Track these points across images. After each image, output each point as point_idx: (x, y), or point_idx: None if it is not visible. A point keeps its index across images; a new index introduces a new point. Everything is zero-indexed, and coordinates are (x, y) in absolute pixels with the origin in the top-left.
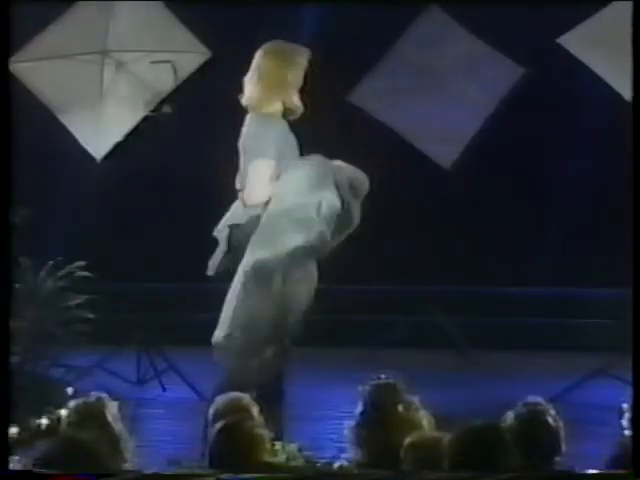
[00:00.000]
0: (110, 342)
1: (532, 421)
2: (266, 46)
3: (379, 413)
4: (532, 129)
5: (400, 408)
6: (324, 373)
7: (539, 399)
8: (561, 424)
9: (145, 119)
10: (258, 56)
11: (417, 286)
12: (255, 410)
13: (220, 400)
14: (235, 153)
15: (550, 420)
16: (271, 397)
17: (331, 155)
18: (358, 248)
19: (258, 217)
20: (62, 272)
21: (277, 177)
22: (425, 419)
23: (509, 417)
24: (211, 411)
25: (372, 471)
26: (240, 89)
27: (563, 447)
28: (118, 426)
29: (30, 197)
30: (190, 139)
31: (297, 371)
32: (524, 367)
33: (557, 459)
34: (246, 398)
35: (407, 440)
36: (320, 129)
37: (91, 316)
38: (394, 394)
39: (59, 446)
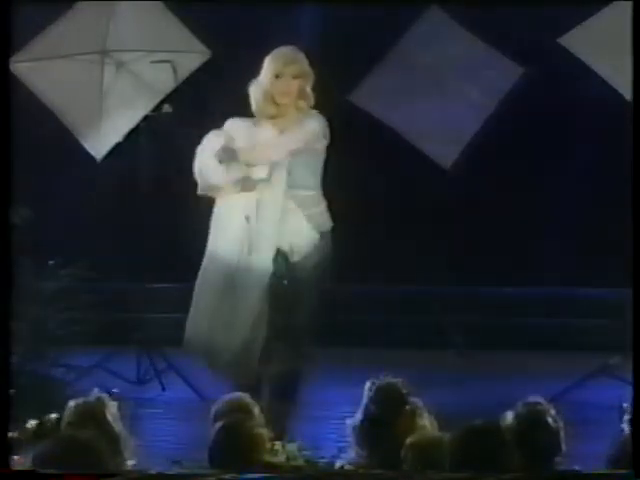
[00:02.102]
0: (110, 342)
1: (532, 421)
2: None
3: (380, 414)
4: (532, 129)
5: (401, 409)
6: (324, 373)
7: (539, 399)
8: (561, 424)
9: (145, 119)
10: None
11: (417, 286)
12: (256, 410)
13: (221, 400)
14: None
15: (550, 420)
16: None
17: (330, 154)
18: (358, 248)
19: None
20: (62, 272)
21: None
22: (427, 419)
23: (508, 417)
24: (212, 411)
25: (373, 471)
26: (240, 89)
27: (563, 447)
28: (118, 426)
29: (30, 197)
30: (190, 139)
31: None
32: (524, 367)
33: (557, 459)
34: (247, 398)
35: (408, 440)
36: None
37: (91, 316)
38: (395, 395)
39: (59, 446)
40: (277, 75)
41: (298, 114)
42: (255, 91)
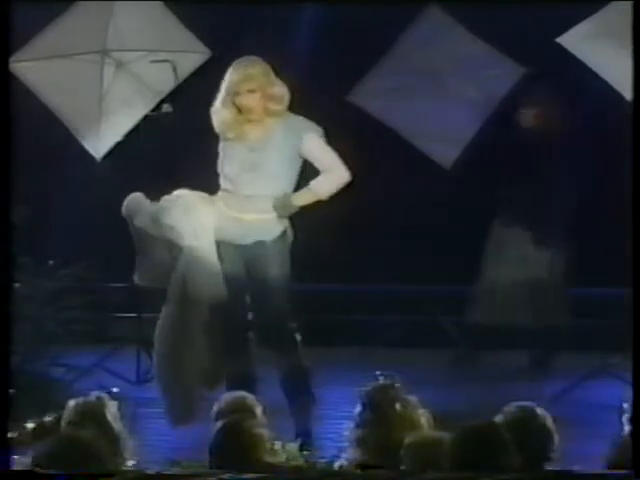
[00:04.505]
0: (110, 342)
1: (524, 422)
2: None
3: (377, 414)
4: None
5: (398, 408)
6: (324, 373)
7: (530, 401)
8: (551, 421)
9: (145, 119)
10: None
11: (417, 286)
12: (259, 410)
13: (223, 399)
14: None
15: (540, 420)
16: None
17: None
18: (358, 248)
19: None
20: (62, 272)
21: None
22: (424, 418)
23: (503, 417)
24: (214, 410)
25: (372, 471)
26: None
27: (556, 446)
28: (118, 426)
29: (30, 197)
30: (190, 139)
31: None
32: (524, 367)
33: (551, 459)
34: (250, 398)
35: (407, 440)
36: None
37: (91, 316)
38: (392, 394)
39: (59, 446)
40: (237, 92)
41: (271, 121)
42: (220, 116)
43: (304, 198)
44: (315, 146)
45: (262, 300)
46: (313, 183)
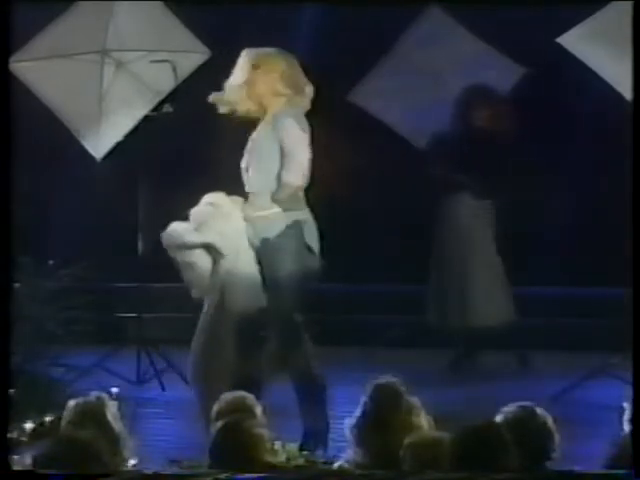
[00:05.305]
0: (110, 342)
1: (522, 422)
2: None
3: (379, 414)
4: (532, 129)
5: (399, 408)
6: (324, 373)
7: (531, 402)
8: (551, 421)
9: (145, 119)
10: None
11: (417, 286)
12: (258, 410)
13: (223, 399)
14: (234, 153)
15: (540, 420)
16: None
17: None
18: (358, 247)
19: None
20: (62, 272)
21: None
22: (424, 419)
23: (503, 418)
24: (214, 410)
25: (372, 471)
26: None
27: (556, 446)
28: (118, 426)
29: (30, 197)
30: (190, 139)
31: None
32: (524, 367)
33: (551, 459)
34: (250, 397)
35: (407, 440)
36: (320, 129)
37: (91, 316)
38: (394, 394)
39: (59, 446)
40: (255, 65)
41: (269, 114)
42: (236, 94)
43: (285, 193)
44: (285, 135)
45: (271, 297)
46: (283, 175)
